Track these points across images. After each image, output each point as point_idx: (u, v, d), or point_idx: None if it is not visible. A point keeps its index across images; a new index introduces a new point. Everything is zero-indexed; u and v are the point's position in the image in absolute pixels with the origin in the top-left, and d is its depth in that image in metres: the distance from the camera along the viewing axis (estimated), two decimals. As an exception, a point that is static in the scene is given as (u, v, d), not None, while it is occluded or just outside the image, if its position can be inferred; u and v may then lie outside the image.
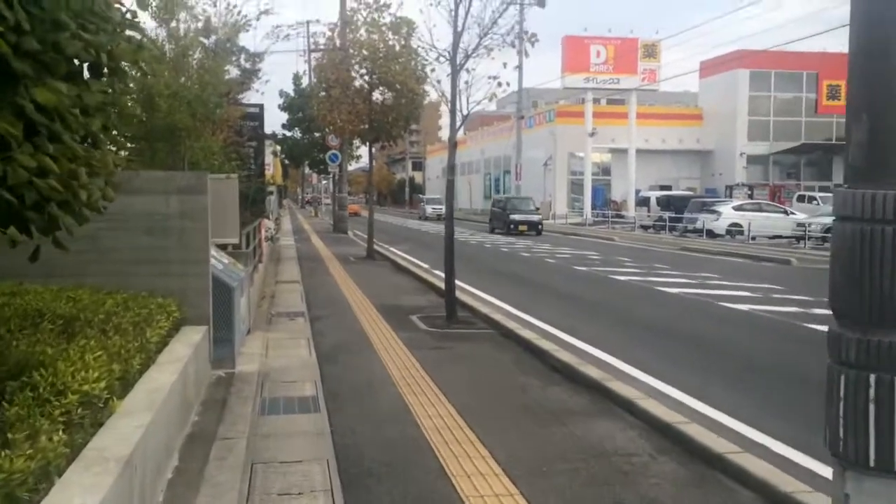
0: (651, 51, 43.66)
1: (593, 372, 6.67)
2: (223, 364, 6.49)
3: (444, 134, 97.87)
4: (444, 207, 53.12)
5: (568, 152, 48.73)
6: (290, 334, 8.45)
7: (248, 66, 15.03)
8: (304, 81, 33.00)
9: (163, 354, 4.92)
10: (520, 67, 43.87)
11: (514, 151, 55.67)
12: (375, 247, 19.68)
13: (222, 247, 8.52)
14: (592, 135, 43.75)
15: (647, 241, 28.63)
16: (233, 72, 14.18)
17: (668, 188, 46.09)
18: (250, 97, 19.47)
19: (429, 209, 53.72)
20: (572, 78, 43.16)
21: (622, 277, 15.59)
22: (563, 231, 35.80)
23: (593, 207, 44.57)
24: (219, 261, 7.25)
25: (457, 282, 10.00)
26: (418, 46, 17.83)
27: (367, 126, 18.43)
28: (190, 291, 6.18)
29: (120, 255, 6.06)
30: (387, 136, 18.69)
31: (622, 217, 42.21)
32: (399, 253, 21.13)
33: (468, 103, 9.73)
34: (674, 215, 34.32)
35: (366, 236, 31.14)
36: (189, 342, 5.45)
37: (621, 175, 48.68)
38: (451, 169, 9.76)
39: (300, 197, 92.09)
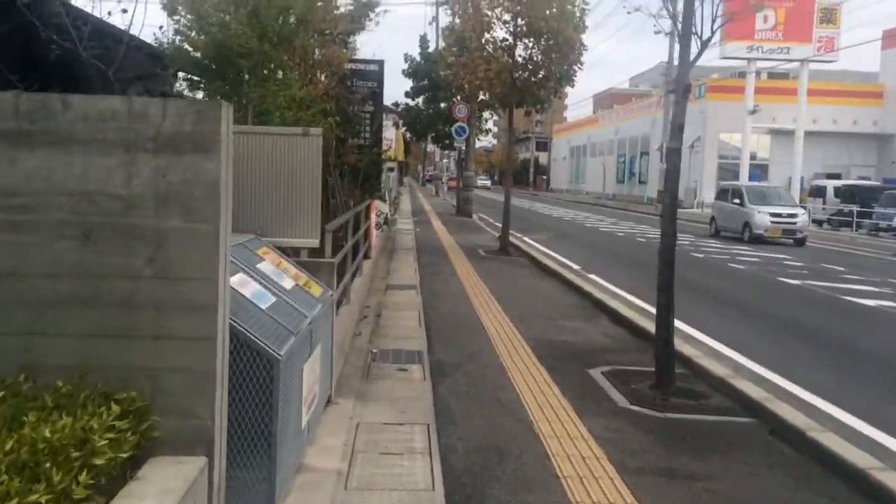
0: (829, 15, 37.33)
1: None
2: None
3: (571, 113, 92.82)
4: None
5: (719, 132, 43.04)
6: (397, 411, 4.85)
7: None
8: (432, 45, 29.56)
9: None
10: (670, 34, 38.98)
11: (652, 130, 50.63)
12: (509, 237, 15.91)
13: (291, 252, 5.07)
14: (754, 112, 38.03)
15: (836, 241, 23.39)
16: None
17: (837, 176, 39.72)
18: (363, 49, 16.20)
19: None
20: (733, 46, 37.51)
21: (867, 302, 11.10)
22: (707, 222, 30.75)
23: (749, 196, 38.83)
24: (267, 285, 3.77)
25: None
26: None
27: (508, 87, 14.68)
28: (173, 376, 2.71)
29: (17, 290, 2.67)
30: (533, 100, 14.85)
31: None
32: (537, 246, 17.32)
33: (713, 20, 5.83)
34: (859, 209, 28.59)
35: (492, 220, 27.76)
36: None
37: (781, 160, 42.53)
38: (677, 131, 5.83)
39: (421, 174, 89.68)
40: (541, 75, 14.61)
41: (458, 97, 28.49)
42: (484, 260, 14.18)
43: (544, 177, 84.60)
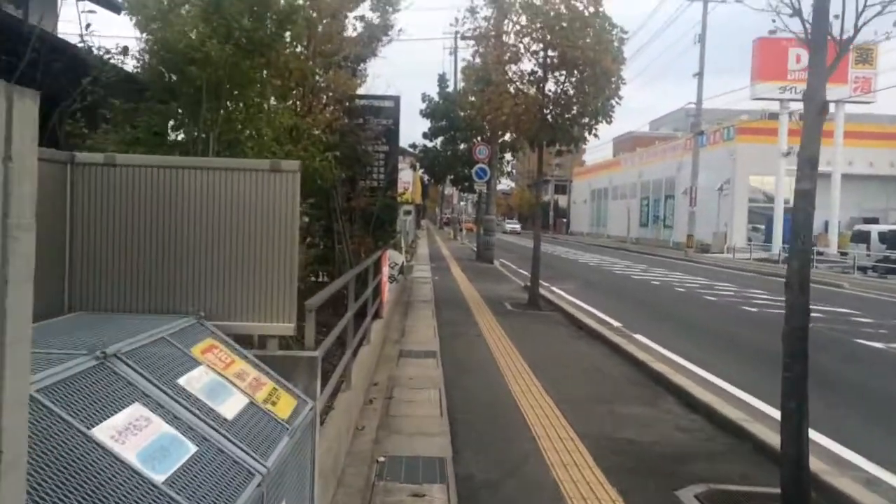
0: (866, 55, 35.80)
1: None
2: None
3: (589, 157, 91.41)
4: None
5: (748, 175, 41.33)
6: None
7: (375, 18, 10.12)
8: (451, 84, 28.33)
9: None
10: (700, 74, 37.65)
11: (678, 173, 49.03)
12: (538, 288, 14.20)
13: (255, 341, 3.48)
14: (788, 154, 36.33)
15: (887, 290, 21.47)
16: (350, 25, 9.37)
17: (875, 220, 37.82)
18: (376, 83, 14.89)
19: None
20: (764, 86, 36.15)
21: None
22: (754, 270, 28.88)
23: (784, 241, 36.92)
24: (192, 416, 2.16)
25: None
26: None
27: (539, 124, 13.18)
28: None
29: None
30: (566, 139, 13.31)
31: (820, 254, 34.43)
32: (568, 297, 15.62)
33: (858, 15, 4.29)
34: (907, 256, 26.72)
35: (515, 267, 26.05)
36: None
37: (817, 204, 40.57)
38: (807, 167, 4.24)
39: (438, 217, 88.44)
40: (574, 111, 13.12)
41: (479, 138, 27.20)
42: (511, 315, 12.50)
43: (564, 220, 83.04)
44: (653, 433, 5.84)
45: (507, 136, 18.47)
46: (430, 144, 28.63)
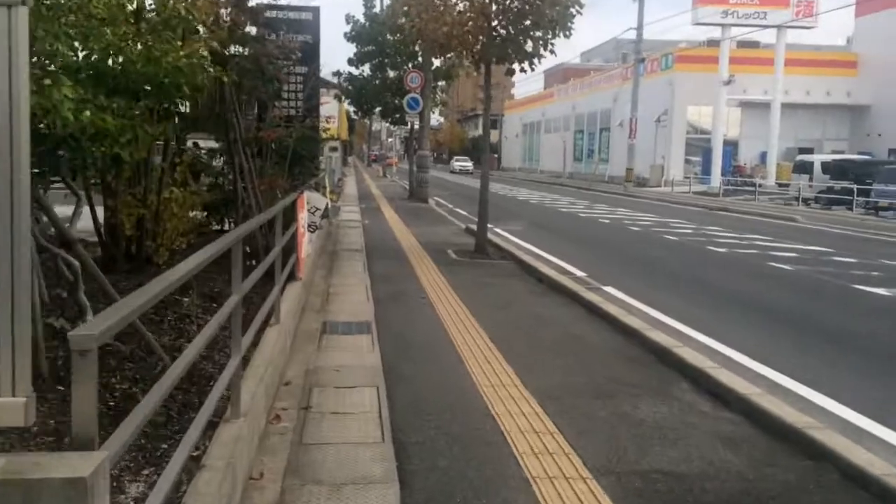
0: (808, -23, 34.57)
1: None
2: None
3: (519, 90, 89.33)
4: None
5: (687, 105, 40.09)
6: None
7: None
8: (378, 4, 25.55)
9: None
10: (640, -2, 35.65)
11: (614, 104, 47.53)
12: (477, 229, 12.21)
13: None
14: (729, 83, 35.19)
15: (833, 222, 20.46)
16: None
17: (809, 151, 37.27)
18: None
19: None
20: (706, 10, 34.54)
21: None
22: (698, 204, 27.76)
23: (722, 173, 35.98)
24: None
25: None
26: None
27: (487, 38, 11.03)
28: None
29: None
30: (519, 55, 11.19)
31: (757, 186, 33.58)
32: (516, 241, 13.82)
33: None
34: (850, 186, 25.90)
35: (452, 206, 23.88)
36: None
37: (752, 135, 39.95)
38: None
39: (366, 154, 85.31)
40: (528, 22, 10.99)
41: (411, 64, 24.73)
42: (458, 267, 10.56)
43: (495, 155, 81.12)
44: (691, 454, 4.02)
45: (447, 57, 16.16)
46: (356, 72, 25.99)
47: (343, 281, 9.05)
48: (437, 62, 24.79)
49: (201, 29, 5.44)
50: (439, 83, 26.44)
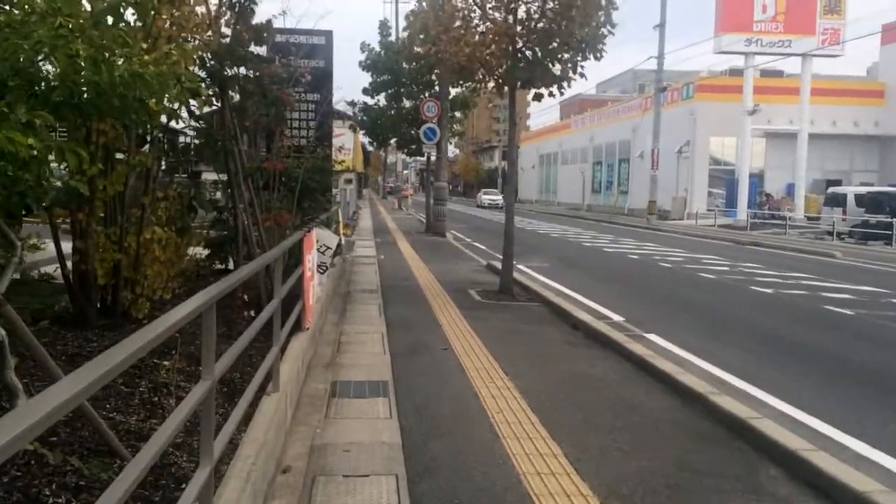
0: (834, 4, 33.75)
1: None
2: None
3: (534, 122, 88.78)
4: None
5: (709, 136, 39.08)
6: None
7: None
8: (393, 33, 24.96)
9: None
10: (661, 25, 34.85)
11: (633, 135, 46.62)
12: (503, 267, 11.20)
13: None
14: (754, 112, 34.23)
15: (890, 261, 19.30)
16: None
17: (837, 182, 36.14)
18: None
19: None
20: (729, 38, 33.76)
21: None
22: (726, 238, 26.64)
23: (749, 206, 34.86)
24: None
25: None
26: None
27: (511, 62, 10.18)
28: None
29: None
30: (547, 79, 10.33)
31: (785, 219, 32.43)
32: (542, 279, 12.85)
33: None
34: (887, 220, 24.81)
35: (470, 240, 22.87)
36: None
37: (777, 166, 38.91)
38: None
39: (381, 185, 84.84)
40: (556, 43, 10.14)
41: (427, 94, 24.01)
42: (483, 310, 9.58)
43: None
44: None
45: (465, 85, 15.38)
46: (371, 102, 25.32)
47: (356, 328, 8.09)
48: (454, 91, 24.09)
49: (191, 39, 4.57)
50: (456, 113, 25.70)
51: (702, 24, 72.00)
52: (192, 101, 5.42)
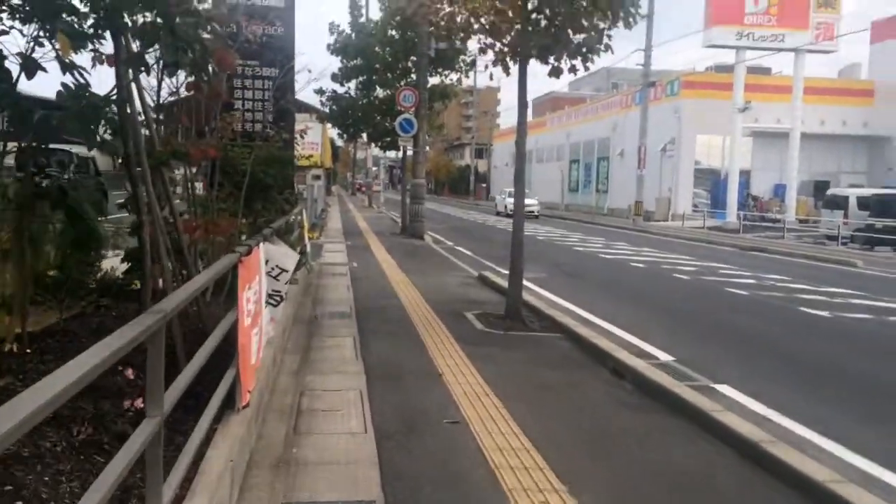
0: (829, -3, 32.11)
1: None
2: None
3: (505, 120, 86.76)
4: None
5: (696, 134, 37.26)
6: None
7: None
8: (365, 13, 22.55)
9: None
10: (650, 16, 32.92)
11: (614, 133, 44.75)
12: (510, 286, 8.91)
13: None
14: (745, 110, 32.46)
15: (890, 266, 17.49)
16: None
17: (826, 184, 34.68)
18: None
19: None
20: (720, 31, 31.92)
21: None
22: (724, 242, 24.72)
23: (739, 207, 33.07)
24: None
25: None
26: None
27: (522, 24, 7.94)
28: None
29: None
30: (570, 49, 8.07)
31: (778, 221, 30.76)
32: (553, 298, 10.64)
33: None
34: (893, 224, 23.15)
35: (451, 243, 20.37)
36: None
37: (765, 166, 37.34)
38: None
39: (350, 181, 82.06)
40: (584, 3, 7.91)
41: (404, 81, 21.64)
42: (492, 347, 7.29)
43: (483, 185, 78.20)
44: None
45: (478, 45, 13.07)
46: (341, 90, 22.89)
47: (324, 382, 5.75)
48: (433, 80, 21.78)
49: None
50: (434, 104, 23.37)
51: (691, 18, 70.47)
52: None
